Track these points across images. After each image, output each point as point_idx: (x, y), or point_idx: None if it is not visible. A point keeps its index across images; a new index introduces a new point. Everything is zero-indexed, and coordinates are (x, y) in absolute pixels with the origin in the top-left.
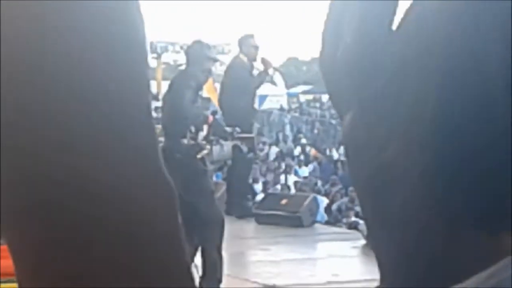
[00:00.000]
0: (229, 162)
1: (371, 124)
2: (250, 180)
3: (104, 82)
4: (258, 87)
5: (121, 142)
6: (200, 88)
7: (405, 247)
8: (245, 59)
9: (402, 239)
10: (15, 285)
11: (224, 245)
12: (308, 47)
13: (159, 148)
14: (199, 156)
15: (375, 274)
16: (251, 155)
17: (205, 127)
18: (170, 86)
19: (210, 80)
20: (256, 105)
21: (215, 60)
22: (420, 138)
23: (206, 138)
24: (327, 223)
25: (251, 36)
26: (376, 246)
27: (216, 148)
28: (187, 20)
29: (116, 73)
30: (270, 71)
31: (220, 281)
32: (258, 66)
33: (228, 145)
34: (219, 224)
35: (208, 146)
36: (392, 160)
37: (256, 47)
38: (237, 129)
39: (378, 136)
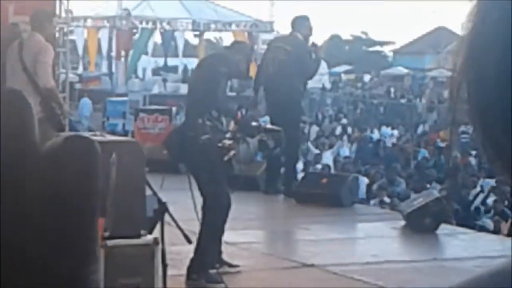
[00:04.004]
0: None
1: None
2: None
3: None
4: (315, 74)
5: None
6: (232, 77)
7: None
8: (302, 39)
9: None
10: None
11: (263, 224)
12: (351, 25)
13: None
14: (226, 158)
15: (414, 255)
16: (277, 150)
17: (233, 124)
18: (207, 66)
19: (253, 59)
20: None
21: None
22: None
23: (233, 136)
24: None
25: (308, 18)
26: None
27: (242, 147)
28: None
29: None
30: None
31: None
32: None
33: (254, 142)
34: (220, 206)
35: (234, 145)
36: None
37: (311, 29)
38: (262, 122)
39: None
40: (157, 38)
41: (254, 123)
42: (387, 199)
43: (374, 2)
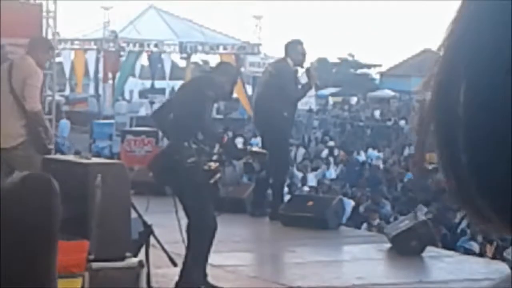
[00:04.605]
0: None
1: None
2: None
3: None
4: (301, 99)
5: None
6: (218, 100)
7: None
8: (291, 64)
9: None
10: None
11: (249, 247)
12: (338, 48)
13: None
14: (212, 180)
15: (400, 278)
16: (263, 172)
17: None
18: (194, 88)
19: (239, 81)
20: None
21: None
22: None
23: (219, 159)
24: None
25: (300, 42)
26: None
27: (228, 170)
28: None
29: None
30: (314, 85)
31: None
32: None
33: (240, 165)
34: (206, 228)
35: (220, 168)
36: None
37: (304, 54)
38: (249, 146)
39: None
40: (144, 60)
41: (239, 146)
42: (376, 222)
43: (361, 26)
